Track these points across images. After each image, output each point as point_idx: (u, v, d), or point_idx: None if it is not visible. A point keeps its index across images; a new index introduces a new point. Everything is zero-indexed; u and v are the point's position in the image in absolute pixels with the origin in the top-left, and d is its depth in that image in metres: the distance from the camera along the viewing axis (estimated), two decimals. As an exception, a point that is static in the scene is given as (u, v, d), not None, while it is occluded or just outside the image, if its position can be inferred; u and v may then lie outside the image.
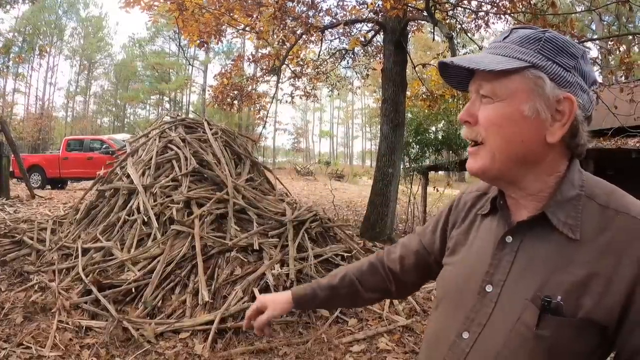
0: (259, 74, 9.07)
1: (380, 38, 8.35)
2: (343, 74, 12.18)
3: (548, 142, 0.66)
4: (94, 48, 37.40)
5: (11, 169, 9.39)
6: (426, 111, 9.05)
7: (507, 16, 6.65)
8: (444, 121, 9.26)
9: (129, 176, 4.39)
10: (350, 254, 4.06)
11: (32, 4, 20.78)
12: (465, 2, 6.70)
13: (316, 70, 9.41)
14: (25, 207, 6.81)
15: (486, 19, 7.51)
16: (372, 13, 7.48)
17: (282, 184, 5.88)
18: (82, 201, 4.95)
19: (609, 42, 6.00)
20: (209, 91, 9.76)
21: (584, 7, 8.43)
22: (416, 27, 9.10)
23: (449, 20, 7.22)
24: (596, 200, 0.67)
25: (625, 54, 5.75)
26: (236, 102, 8.79)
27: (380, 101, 6.95)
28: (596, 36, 9.96)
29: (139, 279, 3.23)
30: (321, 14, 7.66)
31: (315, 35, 7.40)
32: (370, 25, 8.08)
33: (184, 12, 6.05)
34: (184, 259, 3.41)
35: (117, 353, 2.60)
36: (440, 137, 9.24)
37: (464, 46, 9.67)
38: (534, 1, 6.02)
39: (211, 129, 5.04)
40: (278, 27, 6.96)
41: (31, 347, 2.55)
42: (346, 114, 55.86)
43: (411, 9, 6.39)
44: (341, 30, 8.25)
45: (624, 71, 5.68)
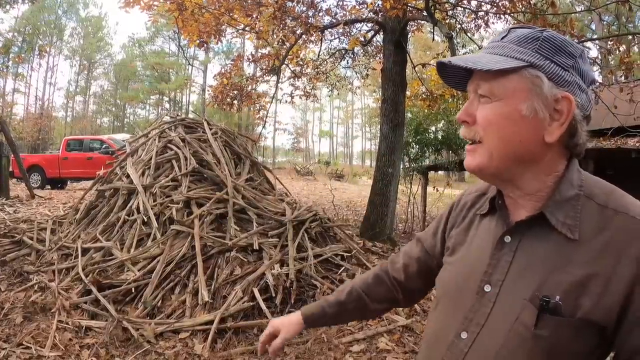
0: (258, 74, 9.06)
1: (380, 38, 8.34)
2: (343, 73, 12.17)
3: (546, 141, 0.66)
4: (94, 48, 37.39)
5: (11, 169, 9.39)
6: (426, 111, 9.04)
7: (507, 16, 6.64)
8: (443, 121, 9.24)
9: (128, 176, 4.39)
10: (350, 254, 4.06)
11: (31, 4, 20.78)
12: (465, 1, 6.69)
13: (316, 70, 9.40)
14: (25, 207, 6.81)
15: (486, 18, 7.49)
16: (371, 13, 7.47)
17: (281, 183, 5.88)
18: (81, 201, 4.95)
19: (609, 42, 6.00)
20: (208, 91, 9.75)
21: (583, 7, 8.41)
22: (416, 27, 9.08)
23: (448, 20, 7.22)
24: (595, 200, 0.67)
25: (625, 54, 5.74)
26: (236, 102, 8.78)
27: (380, 101, 6.94)
28: (596, 36, 9.96)
29: (138, 279, 3.23)
30: (321, 14, 7.65)
31: (315, 35, 7.39)
32: (370, 25, 8.07)
33: (184, 12, 6.05)
34: (183, 259, 3.41)
35: (116, 353, 2.60)
36: (440, 137, 9.24)
37: (463, 46, 9.67)
38: (533, 1, 6.01)
39: (211, 129, 5.04)
40: (278, 27, 6.95)
41: (31, 347, 2.55)
42: (346, 114, 55.92)
43: (411, 8, 6.38)
44: (341, 30, 8.24)
45: (624, 71, 5.68)
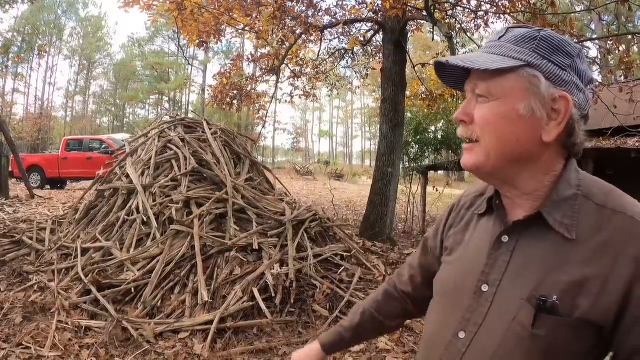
0: (258, 74, 9.06)
1: (379, 38, 8.33)
2: (342, 73, 12.16)
3: (544, 141, 0.66)
4: (93, 48, 37.40)
5: (10, 169, 9.39)
6: (425, 111, 9.04)
7: (507, 16, 6.63)
8: (443, 121, 9.23)
9: (128, 176, 4.39)
10: (349, 254, 4.07)
11: (31, 4, 20.77)
12: (465, 1, 6.69)
13: (315, 70, 9.40)
14: (25, 207, 6.81)
15: (486, 18, 7.49)
16: (371, 13, 7.47)
17: (281, 183, 5.88)
18: (81, 201, 4.95)
19: (609, 42, 5.99)
20: (208, 91, 9.74)
21: (583, 7, 8.42)
22: (416, 27, 9.09)
23: (448, 20, 7.22)
24: (593, 199, 0.67)
25: (625, 54, 5.73)
26: (235, 101, 8.78)
27: (380, 101, 6.94)
28: (595, 36, 9.95)
29: (138, 278, 3.23)
30: (320, 14, 7.66)
31: (314, 35, 7.38)
32: (370, 24, 8.07)
33: (183, 12, 6.05)
34: (183, 258, 3.41)
35: (116, 353, 2.60)
36: (439, 136, 9.23)
37: (463, 46, 9.66)
38: (533, 1, 6.01)
39: (210, 129, 5.04)
40: (277, 27, 6.95)
41: (30, 347, 2.55)
42: (346, 114, 55.91)
43: (410, 8, 6.38)
44: (340, 30, 8.24)
45: (624, 71, 5.67)
